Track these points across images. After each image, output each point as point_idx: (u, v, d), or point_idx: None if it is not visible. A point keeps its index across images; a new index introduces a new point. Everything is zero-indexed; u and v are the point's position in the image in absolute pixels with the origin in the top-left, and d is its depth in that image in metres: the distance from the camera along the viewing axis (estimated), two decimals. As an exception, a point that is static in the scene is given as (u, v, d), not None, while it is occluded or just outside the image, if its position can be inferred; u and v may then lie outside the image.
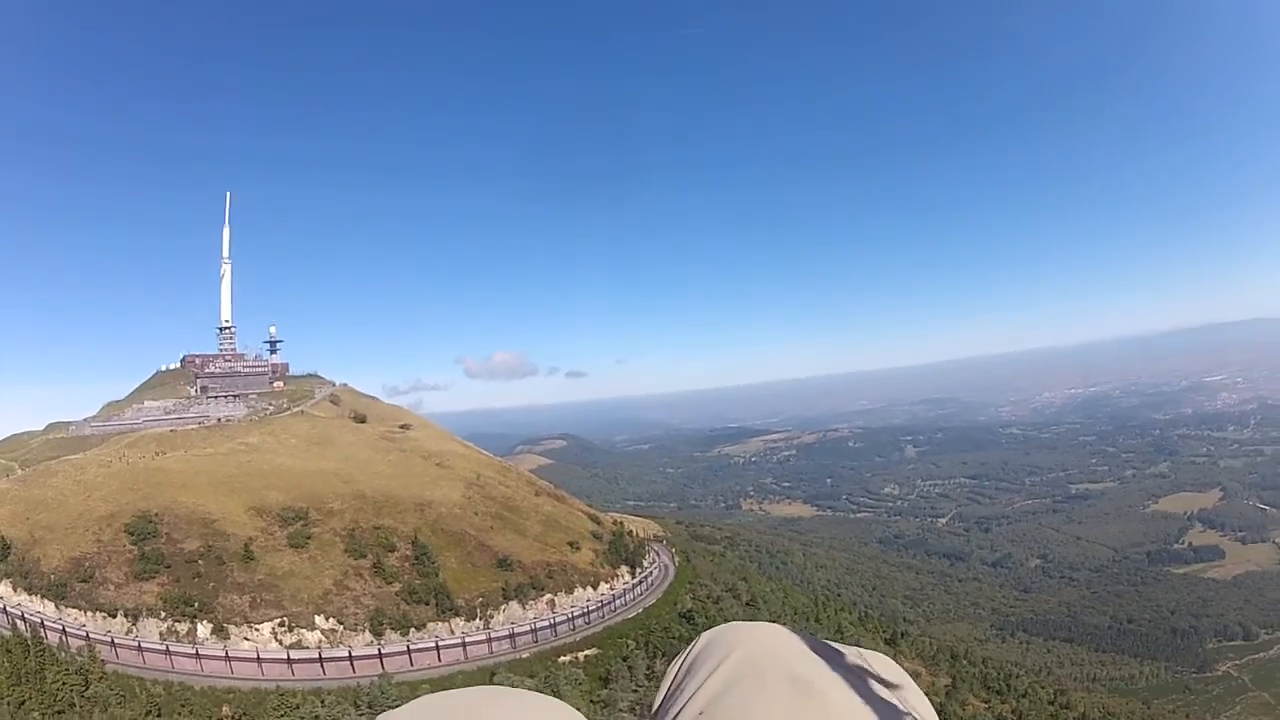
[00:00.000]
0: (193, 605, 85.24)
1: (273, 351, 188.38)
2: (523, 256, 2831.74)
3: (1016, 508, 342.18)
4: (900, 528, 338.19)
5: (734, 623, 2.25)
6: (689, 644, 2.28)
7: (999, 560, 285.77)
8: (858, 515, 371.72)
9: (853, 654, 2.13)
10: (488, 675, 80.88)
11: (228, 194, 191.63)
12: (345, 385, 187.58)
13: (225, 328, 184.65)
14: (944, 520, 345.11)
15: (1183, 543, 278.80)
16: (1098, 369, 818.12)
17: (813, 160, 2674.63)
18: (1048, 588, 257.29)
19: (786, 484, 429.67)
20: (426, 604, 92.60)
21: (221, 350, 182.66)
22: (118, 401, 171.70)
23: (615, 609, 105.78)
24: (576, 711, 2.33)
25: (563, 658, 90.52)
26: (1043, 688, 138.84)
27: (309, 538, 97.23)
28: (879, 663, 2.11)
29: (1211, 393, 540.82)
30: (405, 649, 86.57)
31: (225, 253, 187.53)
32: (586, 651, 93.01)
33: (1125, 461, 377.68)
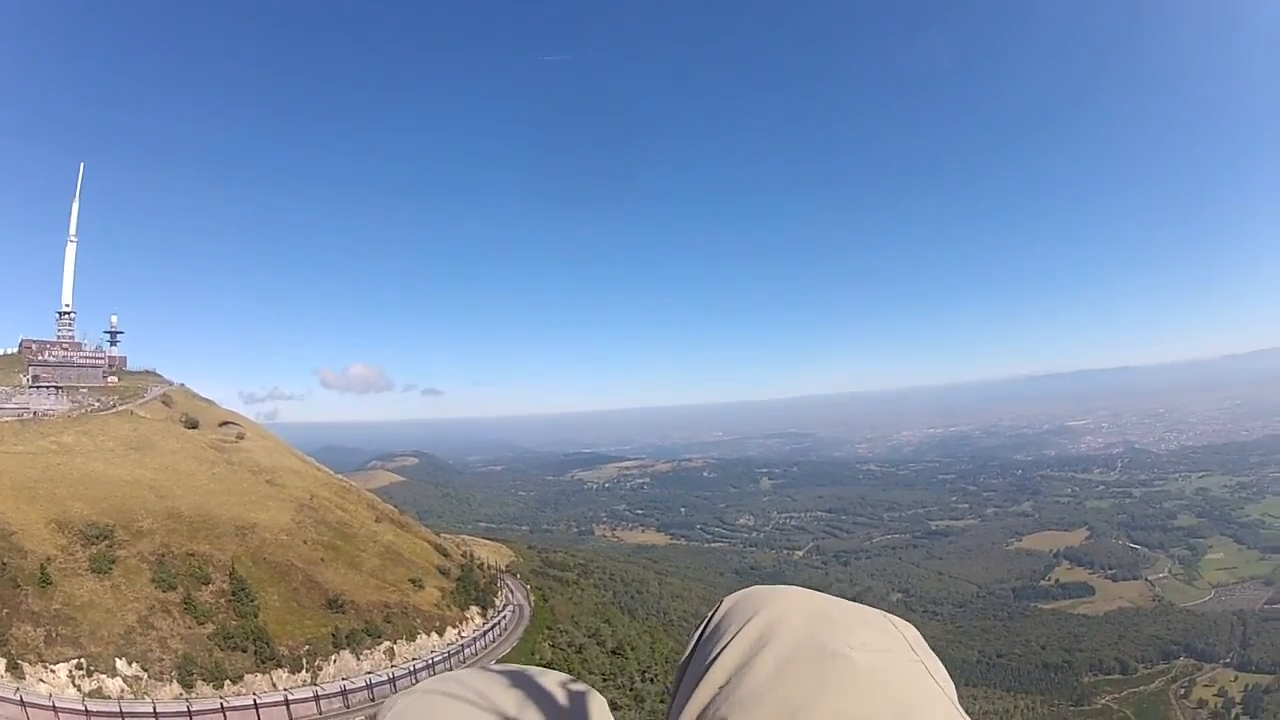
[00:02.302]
0: (-15, 635, 72.21)
1: (113, 343, 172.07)
2: (383, 269, 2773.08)
3: (876, 542, 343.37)
4: (757, 559, 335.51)
5: (757, 586, 2.26)
6: (712, 609, 2.26)
7: (859, 594, 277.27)
8: (712, 545, 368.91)
9: (877, 617, 2.14)
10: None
11: (80, 165, 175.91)
12: (183, 386, 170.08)
13: (65, 312, 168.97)
14: (801, 553, 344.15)
15: (1050, 579, 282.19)
16: (958, 410, 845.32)
17: (670, 196, 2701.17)
18: (911, 620, 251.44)
19: (640, 511, 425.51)
20: (243, 650, 79.51)
21: (59, 337, 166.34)
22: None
23: (464, 659, 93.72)
24: (596, 692, 2.33)
25: None
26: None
27: (113, 562, 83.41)
28: (902, 627, 2.12)
29: (1076, 436, 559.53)
30: (219, 706, 73.70)
31: (72, 230, 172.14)
32: None
33: (986, 500, 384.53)
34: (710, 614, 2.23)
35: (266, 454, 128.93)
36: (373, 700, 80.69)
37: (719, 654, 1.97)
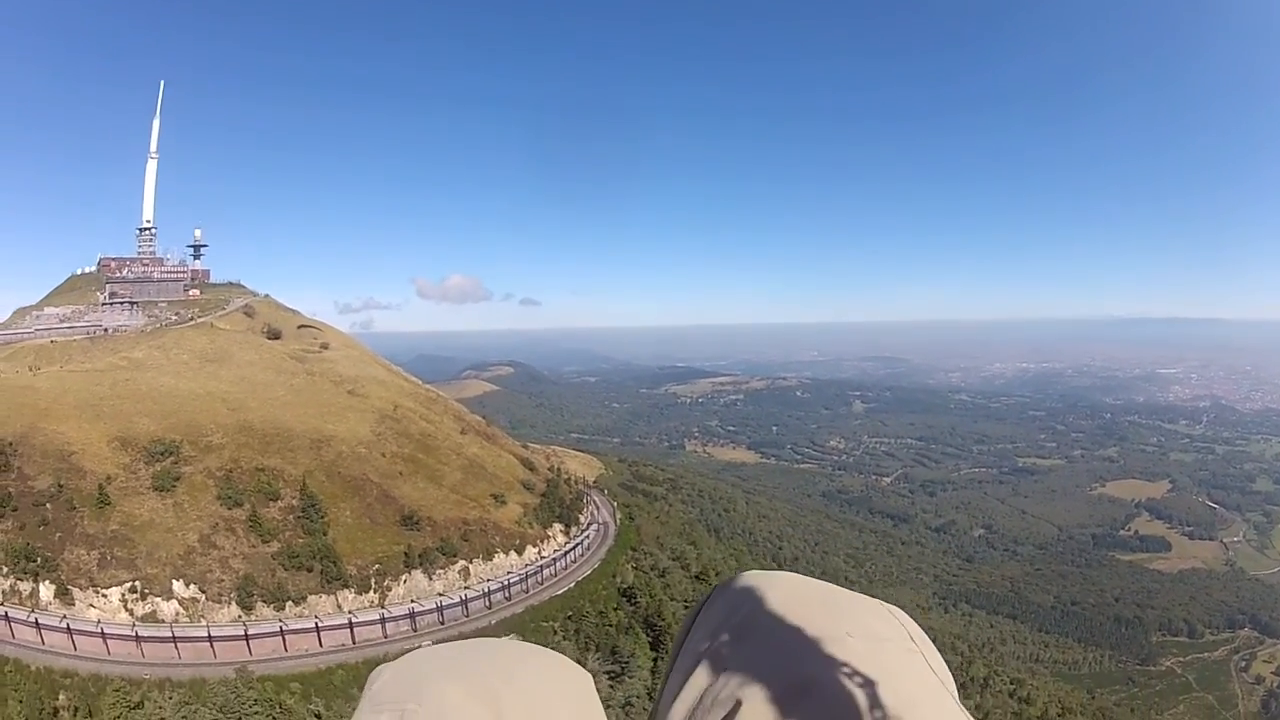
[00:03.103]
0: (35, 560, 70.21)
1: (196, 257, 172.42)
2: (484, 179, 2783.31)
3: (963, 474, 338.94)
4: (844, 483, 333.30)
5: (752, 571, 2.20)
6: (707, 595, 2.22)
7: (943, 526, 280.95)
8: (801, 466, 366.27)
9: (875, 605, 2.10)
10: (373, 669, 66.07)
11: (161, 83, 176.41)
12: (267, 297, 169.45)
13: (145, 228, 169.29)
14: (889, 480, 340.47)
15: (1129, 530, 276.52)
16: (1050, 347, 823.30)
17: (783, 114, 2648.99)
18: (991, 559, 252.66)
19: (732, 428, 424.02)
20: (309, 570, 75.91)
21: (140, 253, 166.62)
22: (26, 308, 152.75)
23: (542, 581, 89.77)
24: (581, 668, 2.30)
25: None
26: (999, 676, 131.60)
27: (177, 479, 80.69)
28: (898, 615, 2.08)
29: (1164, 384, 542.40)
30: (278, 629, 70.04)
31: (153, 147, 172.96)
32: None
33: (1074, 441, 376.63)
34: (705, 599, 2.20)
35: (350, 363, 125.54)
36: (442, 624, 77.03)
37: (717, 638, 1.98)
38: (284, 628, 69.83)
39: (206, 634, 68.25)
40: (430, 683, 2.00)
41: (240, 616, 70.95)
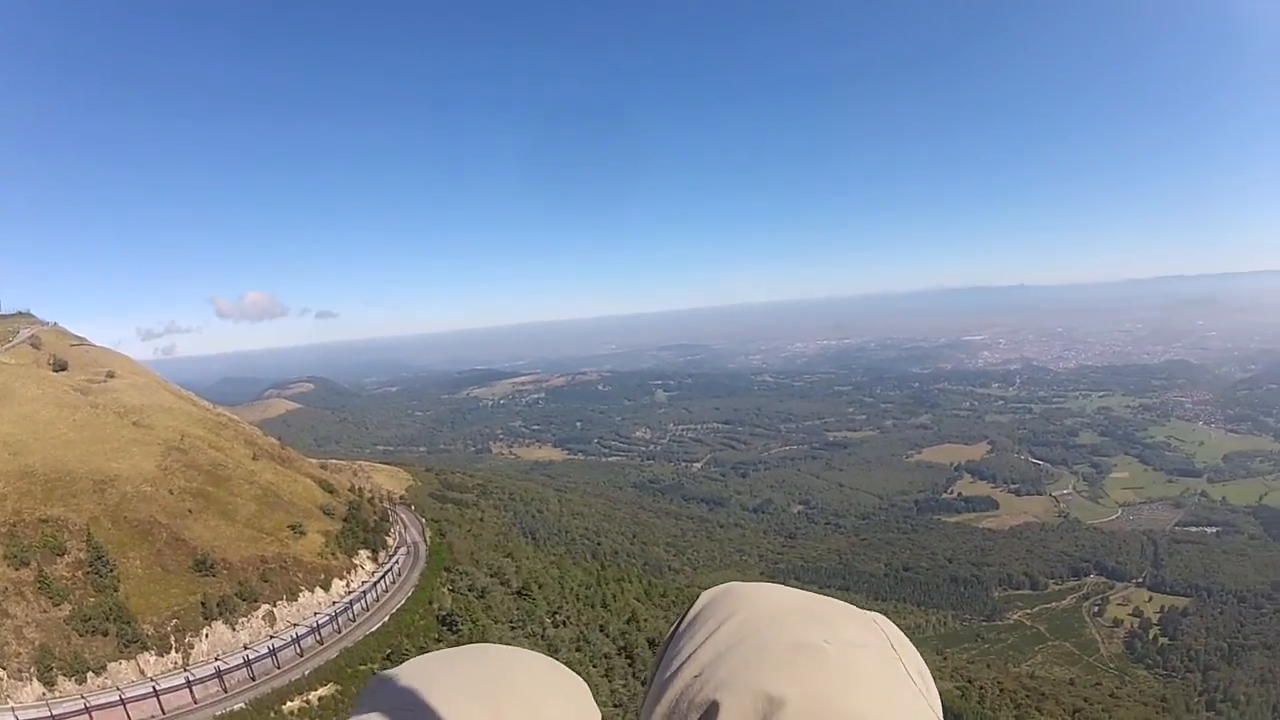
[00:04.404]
0: None
1: None
2: (274, 191, 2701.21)
3: (773, 454, 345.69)
4: (655, 472, 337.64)
5: (732, 583, 2.25)
6: (688, 606, 2.26)
7: (760, 506, 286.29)
8: (610, 459, 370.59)
9: (855, 613, 2.12)
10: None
11: None
12: (55, 326, 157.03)
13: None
14: (699, 465, 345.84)
15: (952, 492, 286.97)
16: (851, 323, 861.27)
17: (573, 111, 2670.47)
18: (814, 534, 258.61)
19: (536, 427, 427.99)
20: (104, 634, 67.88)
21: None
22: None
23: (354, 617, 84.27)
24: (575, 674, 2.38)
25: (289, 703, 68.73)
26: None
27: (-50, 540, 71.69)
28: (879, 623, 2.11)
29: (972, 351, 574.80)
30: (83, 706, 62.29)
31: None
32: (320, 691, 71.47)
33: (884, 412, 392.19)
34: (688, 608, 2.24)
35: (136, 392, 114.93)
36: (253, 680, 71.29)
37: (698, 645, 2.00)
38: (88, 704, 62.60)
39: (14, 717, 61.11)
40: (429, 689, 2.03)
41: (44, 695, 63.32)
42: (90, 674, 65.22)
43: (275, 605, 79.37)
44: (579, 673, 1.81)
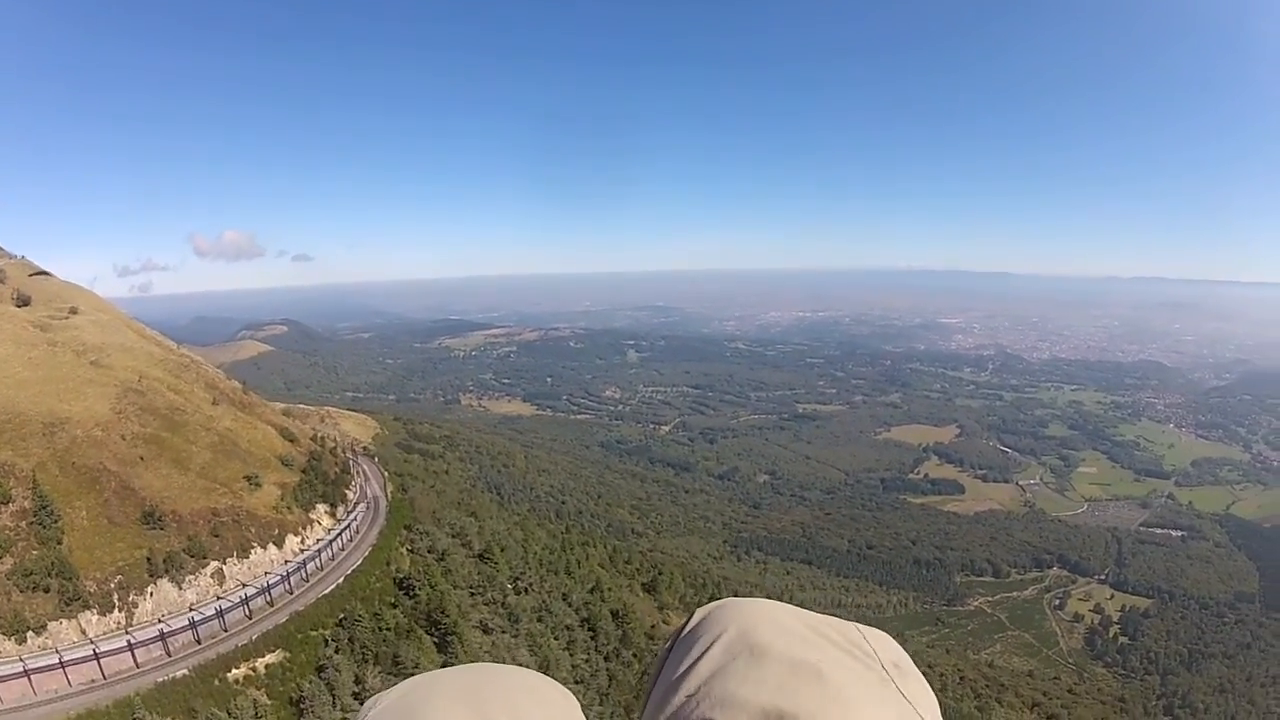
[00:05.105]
0: None
1: None
2: (259, 130, 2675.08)
3: (742, 421, 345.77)
4: (623, 432, 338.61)
5: (730, 599, 2.26)
6: (685, 620, 2.28)
7: (726, 473, 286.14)
8: (578, 417, 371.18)
9: (852, 632, 2.12)
10: (126, 712, 55.87)
11: None
12: (21, 259, 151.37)
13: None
14: (667, 428, 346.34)
15: (918, 473, 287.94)
16: (828, 295, 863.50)
17: (563, 66, 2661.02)
18: (779, 505, 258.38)
19: (507, 381, 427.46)
20: (45, 590, 63.42)
21: None
22: None
23: (307, 577, 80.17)
24: (568, 692, 2.38)
25: (234, 671, 64.71)
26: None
27: (-113, 487, 67.48)
28: (878, 642, 2.12)
29: (946, 333, 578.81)
30: (22, 669, 57.89)
31: None
32: (267, 659, 67.40)
33: (855, 388, 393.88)
34: (684, 623, 2.26)
35: (98, 330, 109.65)
36: (199, 643, 67.46)
37: (695, 661, 2.01)
38: (27, 667, 58.30)
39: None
40: (426, 710, 2.04)
41: (-13, 654, 59.49)
42: (30, 633, 61.31)
43: (225, 562, 75.89)
44: (540, 646, 2.00)
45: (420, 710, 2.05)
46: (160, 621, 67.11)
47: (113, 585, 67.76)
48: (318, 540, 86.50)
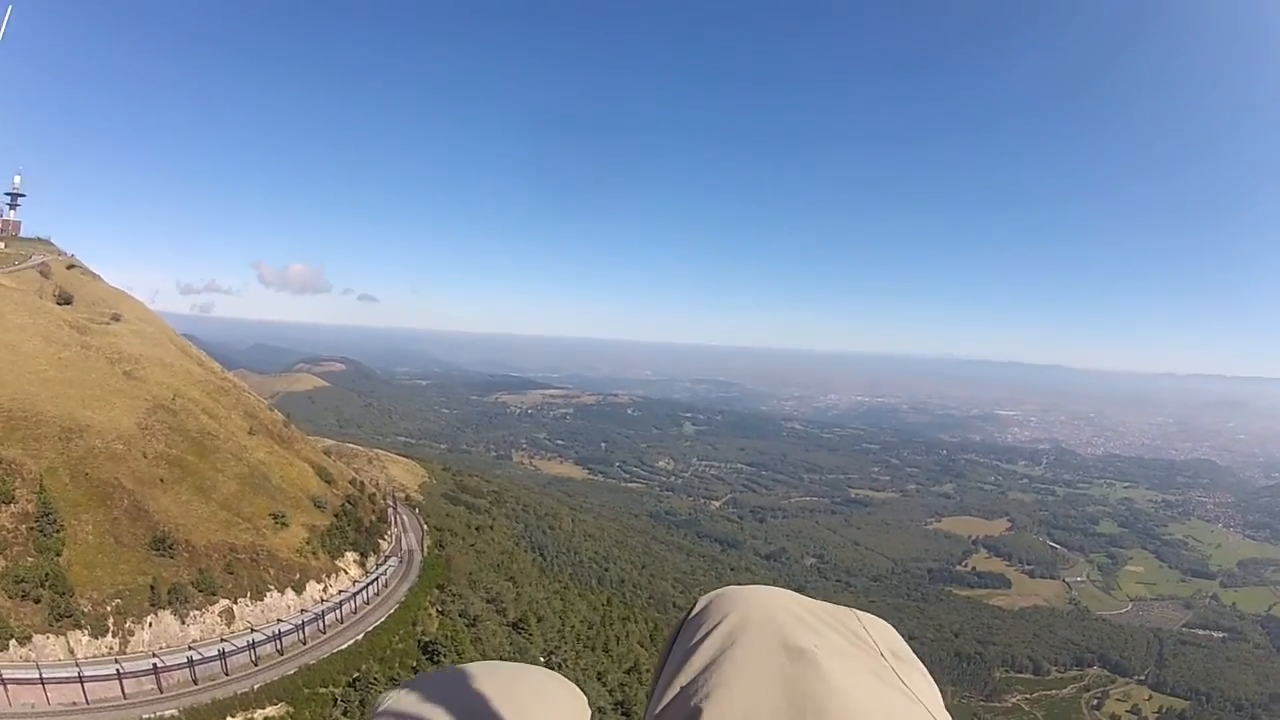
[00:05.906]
0: None
1: (12, 206, 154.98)
2: (331, 165, 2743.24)
3: (793, 502, 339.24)
4: (673, 504, 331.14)
5: (731, 586, 2.29)
6: (688, 609, 2.28)
7: (773, 554, 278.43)
8: (629, 485, 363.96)
9: (851, 619, 2.17)
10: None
11: (9, 8, 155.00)
12: (71, 257, 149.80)
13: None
14: (718, 503, 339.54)
15: (966, 565, 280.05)
16: (887, 381, 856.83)
17: (627, 128, 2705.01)
18: (823, 590, 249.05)
19: (560, 442, 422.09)
20: (35, 601, 58.23)
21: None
22: None
23: (324, 629, 73.57)
24: (580, 691, 2.43)
25: (228, 718, 59.26)
26: None
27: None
28: (876, 629, 2.15)
29: (1003, 425, 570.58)
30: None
31: None
32: (268, 710, 61.58)
33: (909, 475, 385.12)
34: (688, 610, 2.26)
35: (138, 340, 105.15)
36: (195, 683, 61.16)
37: (693, 650, 2.01)
38: (3, 676, 53.37)
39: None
40: (437, 707, 2.08)
41: (-39, 660, 54.41)
42: (14, 642, 55.92)
43: (236, 602, 69.30)
44: None
45: (431, 706, 2.06)
46: (155, 655, 60.98)
47: (109, 608, 61.95)
48: (341, 590, 79.58)
